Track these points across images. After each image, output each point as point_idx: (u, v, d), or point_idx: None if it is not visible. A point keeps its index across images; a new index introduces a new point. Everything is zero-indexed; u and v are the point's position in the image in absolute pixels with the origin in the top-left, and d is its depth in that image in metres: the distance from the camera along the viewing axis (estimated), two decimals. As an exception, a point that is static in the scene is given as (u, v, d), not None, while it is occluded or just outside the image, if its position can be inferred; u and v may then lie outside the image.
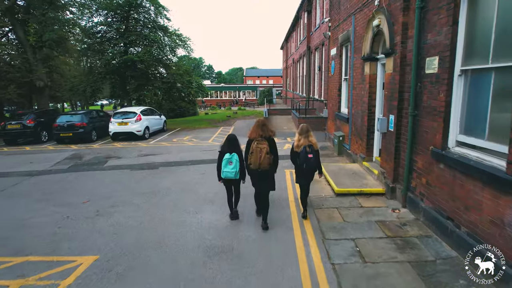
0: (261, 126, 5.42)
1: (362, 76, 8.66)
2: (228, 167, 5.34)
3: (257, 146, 5.21)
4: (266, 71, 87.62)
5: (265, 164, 5.20)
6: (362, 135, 8.70)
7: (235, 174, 5.35)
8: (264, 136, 5.32)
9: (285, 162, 9.85)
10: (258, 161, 5.16)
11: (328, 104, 13.51)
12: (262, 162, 5.17)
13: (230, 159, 5.34)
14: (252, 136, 5.38)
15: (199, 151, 12.60)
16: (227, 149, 5.42)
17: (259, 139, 5.27)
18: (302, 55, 28.13)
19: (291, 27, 35.71)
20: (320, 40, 20.09)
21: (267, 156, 5.18)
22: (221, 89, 58.62)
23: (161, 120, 17.95)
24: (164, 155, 11.91)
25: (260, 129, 5.37)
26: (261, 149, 5.18)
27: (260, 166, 5.20)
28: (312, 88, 24.32)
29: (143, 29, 19.59)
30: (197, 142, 14.70)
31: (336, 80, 11.94)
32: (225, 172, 5.36)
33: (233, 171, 5.33)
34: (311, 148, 5.52)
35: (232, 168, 5.33)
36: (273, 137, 5.52)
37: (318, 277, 4.09)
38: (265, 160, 5.17)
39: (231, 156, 5.34)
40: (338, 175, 7.92)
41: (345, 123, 10.60)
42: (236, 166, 5.34)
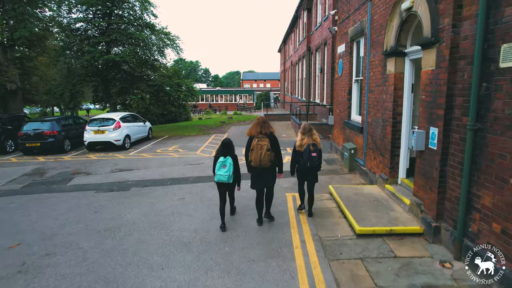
0: (261, 123, 5.39)
1: (384, 76, 6.87)
2: (221, 170, 5.23)
3: (257, 143, 5.21)
4: (264, 74, 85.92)
5: (266, 161, 5.21)
6: (384, 150, 6.89)
7: (228, 177, 5.23)
8: (264, 133, 5.30)
9: (285, 182, 8.04)
10: (259, 158, 5.17)
11: (335, 110, 11.71)
12: (263, 159, 5.18)
13: (224, 162, 5.24)
14: (252, 133, 5.37)
15: (184, 165, 10.74)
16: (221, 153, 5.35)
17: (260, 136, 5.26)
18: (301, 57, 26.43)
19: (289, 28, 34.08)
20: (322, 39, 18.36)
21: (267, 153, 5.18)
22: (217, 92, 56.83)
23: (146, 127, 16.07)
24: (141, 171, 10.04)
25: (260, 126, 5.35)
26: (261, 146, 5.19)
27: (261, 163, 5.21)
28: (312, 91, 22.56)
29: (127, 27, 17.74)
30: (184, 153, 12.84)
31: (345, 82, 10.16)
32: (218, 175, 5.26)
33: (226, 174, 5.21)
34: (314, 146, 5.49)
35: (226, 171, 5.21)
36: (274, 134, 5.48)
37: None
38: (265, 157, 5.18)
39: (225, 160, 5.25)
40: (356, 205, 6.08)
41: (357, 133, 8.79)
42: (230, 170, 5.23)
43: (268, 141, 5.26)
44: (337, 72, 11.17)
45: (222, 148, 5.43)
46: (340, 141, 10.77)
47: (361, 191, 6.89)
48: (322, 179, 8.39)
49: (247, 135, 5.49)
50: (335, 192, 6.81)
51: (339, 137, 11.01)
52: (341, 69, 10.51)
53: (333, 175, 8.86)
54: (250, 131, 5.44)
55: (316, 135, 5.71)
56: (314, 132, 5.69)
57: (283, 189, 7.71)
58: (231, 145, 5.48)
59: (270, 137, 5.35)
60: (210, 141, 15.67)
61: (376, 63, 7.29)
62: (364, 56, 8.19)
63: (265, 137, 5.28)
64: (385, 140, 6.83)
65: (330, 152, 11.86)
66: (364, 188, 7.04)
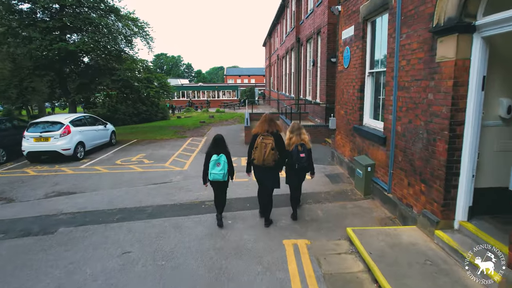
0: (268, 121, 5.24)
1: (429, 66, 4.56)
2: (216, 168, 5.13)
3: (262, 141, 5.08)
4: (248, 69, 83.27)
5: (269, 160, 5.07)
6: (430, 177, 4.60)
7: (223, 176, 5.15)
8: (270, 131, 5.15)
9: (277, 211, 5.72)
10: (262, 156, 5.05)
11: (337, 111, 9.40)
12: (266, 158, 5.05)
13: (218, 160, 5.13)
14: (257, 131, 5.24)
15: (145, 184, 8.22)
16: (214, 150, 5.21)
17: (265, 134, 5.13)
18: (290, 49, 24.08)
19: (275, 19, 31.66)
20: (315, 27, 16.04)
21: (271, 152, 5.04)
22: (199, 88, 53.90)
23: (107, 131, 13.35)
24: (86, 196, 7.47)
25: (267, 124, 5.20)
26: (266, 144, 5.05)
27: (264, 162, 5.08)
28: (302, 87, 20.27)
29: (86, 11, 14.84)
30: (149, 165, 10.29)
31: (353, 76, 7.85)
32: (212, 174, 5.15)
33: (221, 172, 5.12)
34: (303, 147, 5.30)
35: (220, 169, 5.13)
36: (280, 132, 5.30)
37: None
38: (269, 156, 5.04)
39: (219, 157, 5.14)
40: (400, 273, 3.76)
41: (376, 144, 6.50)
42: (224, 168, 5.15)
43: (273, 139, 5.09)
44: (341, 63, 8.85)
45: (214, 145, 5.27)
46: (346, 150, 8.47)
47: (398, 239, 4.57)
48: (331, 209, 6.08)
49: (253, 132, 5.34)
50: (359, 242, 4.48)
51: (344, 145, 8.71)
52: (348, 59, 8.18)
53: (344, 202, 6.55)
54: (256, 129, 5.28)
55: (305, 134, 5.49)
56: (303, 131, 5.49)
57: (279, 233, 5.34)
58: (224, 141, 5.35)
59: (276, 135, 5.17)
60: (184, 147, 13.11)
61: (414, 47, 4.98)
62: (389, 39, 5.86)
63: (271, 135, 5.12)
64: (432, 162, 4.54)
65: (332, 164, 9.56)
66: (401, 234, 4.72)
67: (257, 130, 5.26)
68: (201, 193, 7.28)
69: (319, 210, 6.11)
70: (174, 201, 6.90)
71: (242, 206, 6.48)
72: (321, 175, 8.46)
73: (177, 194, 7.34)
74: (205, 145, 13.17)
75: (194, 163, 10.22)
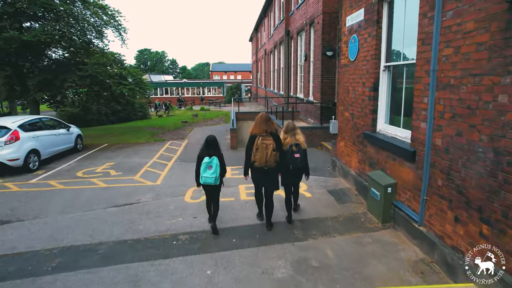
0: (265, 121, 5.03)
1: (502, 53, 3.08)
2: (207, 172, 4.89)
3: (262, 142, 4.88)
4: (234, 65, 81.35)
5: (271, 162, 4.90)
6: (504, 218, 3.14)
7: (215, 179, 4.90)
8: (269, 131, 4.96)
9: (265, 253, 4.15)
10: (265, 158, 4.86)
11: (341, 113, 7.92)
12: (269, 159, 4.87)
13: (210, 163, 4.91)
14: (255, 132, 5.01)
15: (105, 206, 6.54)
16: (206, 152, 4.98)
17: (264, 135, 4.93)
18: (278, 43, 22.53)
19: (262, 12, 30.02)
20: (307, 18, 14.52)
21: (273, 153, 4.88)
22: (183, 85, 51.70)
23: (71, 136, 11.50)
24: (24, 224, 5.75)
25: (265, 124, 5.00)
26: (267, 145, 4.87)
27: (266, 163, 4.90)
28: (293, 84, 18.77)
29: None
30: (116, 177, 8.59)
31: (363, 70, 6.36)
32: (204, 177, 4.90)
33: (213, 176, 4.88)
34: (298, 147, 5.18)
35: (212, 173, 4.89)
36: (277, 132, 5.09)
37: None
38: (271, 157, 4.87)
39: (211, 160, 4.91)
40: None
41: (399, 158, 5.04)
42: (216, 171, 4.91)
43: (273, 140, 4.91)
44: (345, 55, 7.36)
45: (206, 146, 5.05)
46: (353, 161, 7.00)
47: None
48: (343, 247, 4.59)
49: (250, 133, 5.09)
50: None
51: (350, 154, 7.23)
52: (356, 50, 6.69)
53: (359, 233, 5.06)
54: (253, 129, 5.05)
55: (300, 134, 5.37)
56: (297, 131, 5.36)
57: None
58: (217, 143, 5.12)
59: (274, 136, 4.99)
60: (160, 153, 11.40)
61: (469, 28, 3.49)
62: (422, 21, 4.36)
63: (270, 136, 4.92)
64: (507, 196, 3.07)
65: (334, 175, 8.08)
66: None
67: (255, 130, 5.02)
68: (173, 221, 5.68)
69: (329, 250, 4.60)
70: (137, 233, 5.27)
71: (228, 243, 4.91)
72: (323, 191, 6.98)
73: (143, 222, 5.71)
74: (185, 151, 11.50)
75: (169, 175, 8.58)
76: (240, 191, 7.10)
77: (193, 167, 5.21)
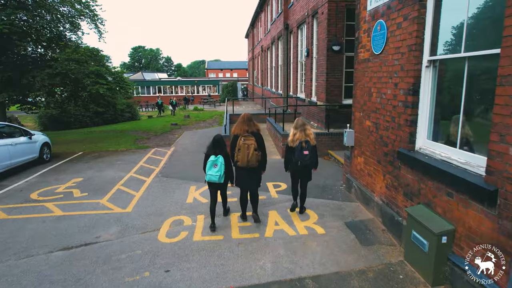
0: (246, 121, 5.14)
1: None
2: (212, 170, 5.00)
3: (244, 143, 4.99)
4: (230, 63, 79.47)
5: (253, 161, 5.00)
6: None
7: (219, 177, 5.00)
8: (250, 131, 5.07)
9: None
10: (247, 158, 4.97)
11: (359, 120, 6.29)
12: (251, 159, 4.97)
13: (215, 161, 4.99)
14: (237, 132, 5.12)
15: (52, 247, 4.89)
16: (213, 150, 5.07)
17: (246, 135, 5.03)
18: (276, 38, 20.88)
19: (258, 6, 28.34)
20: (310, 8, 12.88)
21: (255, 153, 4.98)
22: (176, 83, 49.91)
23: (34, 145, 9.78)
24: None
25: (246, 124, 5.10)
26: (248, 145, 4.97)
27: (248, 163, 5.00)
28: (293, 83, 17.14)
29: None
30: (79, 200, 6.93)
31: (395, 67, 4.75)
32: (209, 175, 5.03)
33: (217, 174, 4.97)
34: (307, 143, 5.23)
35: (217, 171, 4.97)
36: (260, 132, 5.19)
37: None
38: (253, 157, 4.97)
39: (216, 159, 4.99)
40: None
41: (462, 196, 3.43)
42: (221, 169, 4.98)
43: (254, 140, 5.01)
44: (366, 47, 5.74)
45: (213, 145, 5.12)
46: (378, 184, 5.38)
47: None
48: None
49: (232, 133, 5.26)
50: None
51: (374, 176, 5.62)
52: (383, 39, 5.07)
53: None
54: (235, 129, 5.18)
55: (310, 130, 5.40)
56: (307, 127, 5.41)
57: None
58: (223, 142, 5.16)
59: (256, 135, 5.10)
60: (140, 165, 9.71)
61: None
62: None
63: (251, 135, 5.03)
64: None
65: (349, 197, 6.48)
66: None
67: (236, 130, 5.13)
68: (136, 277, 4.05)
69: None
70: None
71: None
72: (340, 224, 5.38)
73: (94, 279, 4.07)
74: (169, 162, 9.83)
75: (145, 198, 6.92)
76: (232, 229, 5.48)
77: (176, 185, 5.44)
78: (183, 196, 6.84)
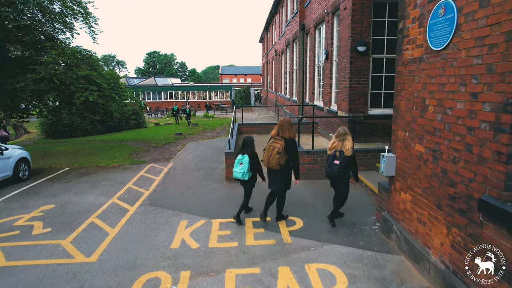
0: (279, 126, 5.31)
1: None
2: (238, 167, 5.34)
3: (270, 144, 5.21)
4: (244, 68, 78.25)
5: (273, 164, 5.12)
6: None
7: (242, 174, 5.29)
8: (280, 135, 5.22)
9: None
10: (267, 159, 5.15)
11: (404, 143, 4.58)
12: (271, 161, 5.11)
13: (241, 160, 5.33)
14: (272, 133, 5.37)
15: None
16: (241, 150, 5.46)
17: (276, 138, 5.24)
18: (291, 41, 19.29)
19: (272, 8, 26.91)
20: (329, 5, 11.25)
21: (277, 156, 5.08)
22: (189, 89, 48.85)
23: (7, 161, 8.39)
24: None
25: (278, 129, 5.30)
26: (273, 147, 5.13)
27: (268, 164, 5.17)
28: (309, 89, 15.45)
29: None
30: (35, 241, 5.45)
31: (474, 68, 3.04)
32: (235, 171, 5.37)
33: (241, 171, 5.28)
34: (341, 153, 5.15)
35: (241, 168, 5.29)
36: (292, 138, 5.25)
37: None
38: (273, 159, 5.09)
39: (242, 157, 5.33)
40: None
41: None
42: (245, 167, 5.27)
43: (282, 144, 5.11)
44: (419, 42, 4.06)
45: (242, 145, 5.48)
46: (436, 238, 3.64)
47: None
48: None
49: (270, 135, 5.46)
50: None
51: (430, 225, 3.88)
52: (450, 28, 3.39)
53: None
54: (271, 132, 5.42)
55: (350, 141, 5.24)
56: (348, 137, 5.25)
57: None
58: (252, 143, 5.49)
59: (286, 140, 5.17)
60: (129, 186, 8.17)
61: None
62: None
63: (281, 139, 5.17)
64: None
65: (388, 247, 4.74)
66: None
67: (272, 132, 5.38)
68: None
69: None
70: None
71: None
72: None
73: None
74: (163, 184, 8.28)
75: (121, 238, 5.34)
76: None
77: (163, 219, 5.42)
78: (168, 238, 5.26)
